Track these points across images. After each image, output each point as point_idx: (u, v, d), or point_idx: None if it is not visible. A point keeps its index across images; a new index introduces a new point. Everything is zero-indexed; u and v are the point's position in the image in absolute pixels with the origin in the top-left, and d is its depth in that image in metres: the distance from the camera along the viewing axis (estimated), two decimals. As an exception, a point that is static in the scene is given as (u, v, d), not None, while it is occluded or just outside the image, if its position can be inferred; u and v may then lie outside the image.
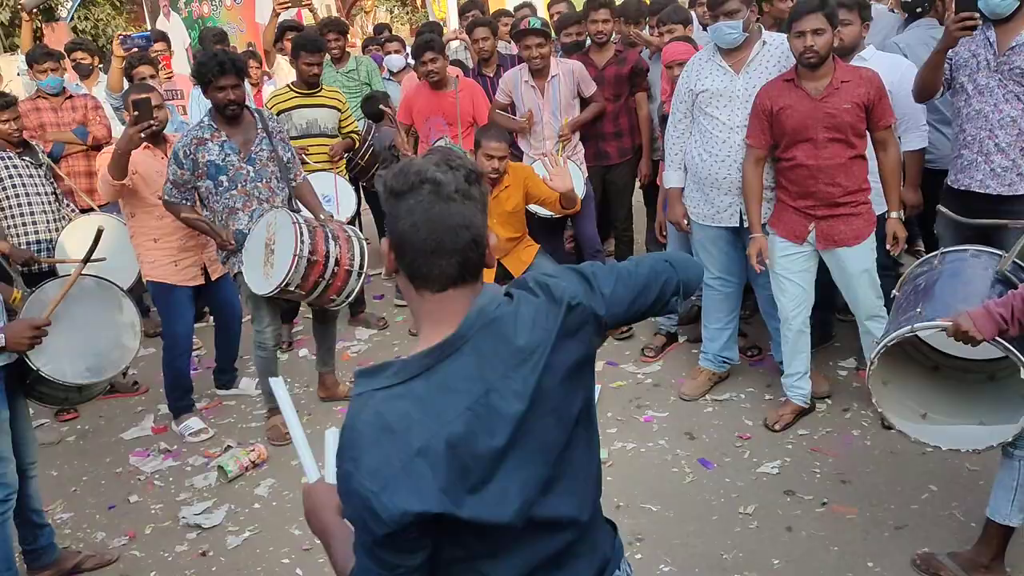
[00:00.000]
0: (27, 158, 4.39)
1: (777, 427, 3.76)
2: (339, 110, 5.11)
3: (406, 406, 1.26)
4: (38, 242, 4.36)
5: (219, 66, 3.75)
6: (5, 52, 11.23)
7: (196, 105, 5.65)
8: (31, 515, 3.18)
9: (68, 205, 4.66)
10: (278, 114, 4.79)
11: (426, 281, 1.34)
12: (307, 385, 4.76)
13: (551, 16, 6.54)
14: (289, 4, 6.60)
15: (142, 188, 4.04)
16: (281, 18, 6.89)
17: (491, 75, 5.57)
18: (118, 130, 5.69)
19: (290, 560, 3.29)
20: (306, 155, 4.86)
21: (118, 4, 15.52)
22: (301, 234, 3.66)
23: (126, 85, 5.76)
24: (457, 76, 5.19)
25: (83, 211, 4.87)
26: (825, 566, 2.93)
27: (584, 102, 4.98)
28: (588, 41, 5.24)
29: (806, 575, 2.90)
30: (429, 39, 5.09)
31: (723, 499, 3.37)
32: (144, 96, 3.83)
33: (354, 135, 5.25)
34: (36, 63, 5.15)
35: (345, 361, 5.04)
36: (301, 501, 1.54)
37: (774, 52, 3.73)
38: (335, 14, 8.86)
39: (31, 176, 4.38)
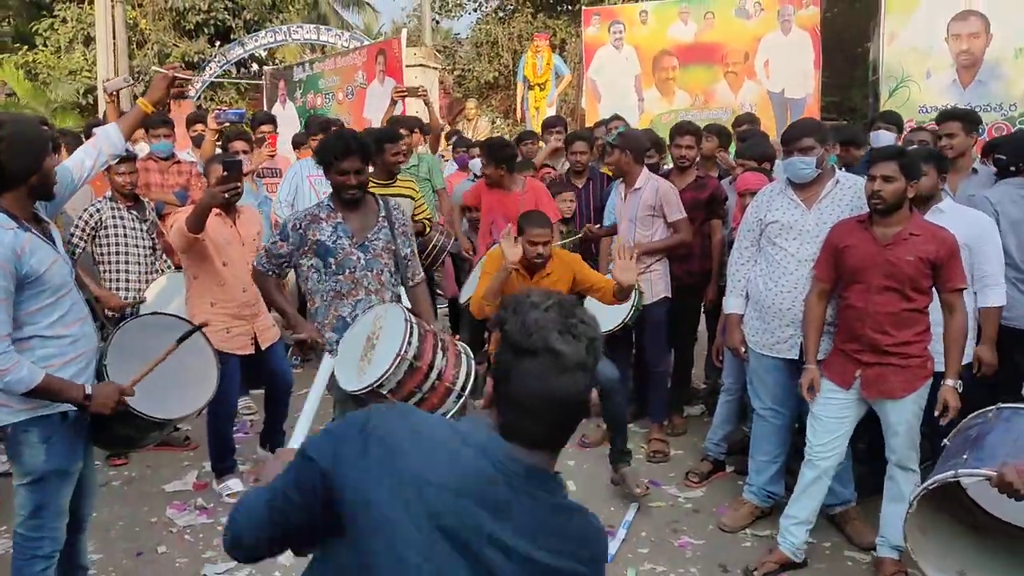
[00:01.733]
0: (135, 212, 4.74)
1: (755, 575, 3.60)
2: (413, 199, 5.31)
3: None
4: (127, 290, 4.65)
5: (344, 147, 3.55)
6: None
7: (287, 186, 5.90)
8: (77, 572, 3.13)
9: (165, 260, 4.97)
10: None
11: (517, 436, 1.39)
12: None
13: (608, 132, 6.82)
14: (406, 92, 6.95)
15: (211, 250, 4.19)
16: (396, 108, 7.28)
17: (580, 185, 5.76)
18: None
19: (300, 632, 3.26)
20: None
21: (243, 90, 16.66)
22: (411, 334, 3.21)
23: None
24: (525, 177, 5.42)
25: (177, 268, 5.18)
26: None
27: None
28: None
29: None
30: (510, 153, 5.47)
31: (749, 639, 3.21)
32: (236, 159, 3.99)
33: (426, 222, 5.47)
34: (152, 128, 5.60)
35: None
36: None
37: (847, 191, 3.76)
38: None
39: (134, 229, 4.73)
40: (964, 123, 4.63)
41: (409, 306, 3.75)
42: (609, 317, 4.41)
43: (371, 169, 3.98)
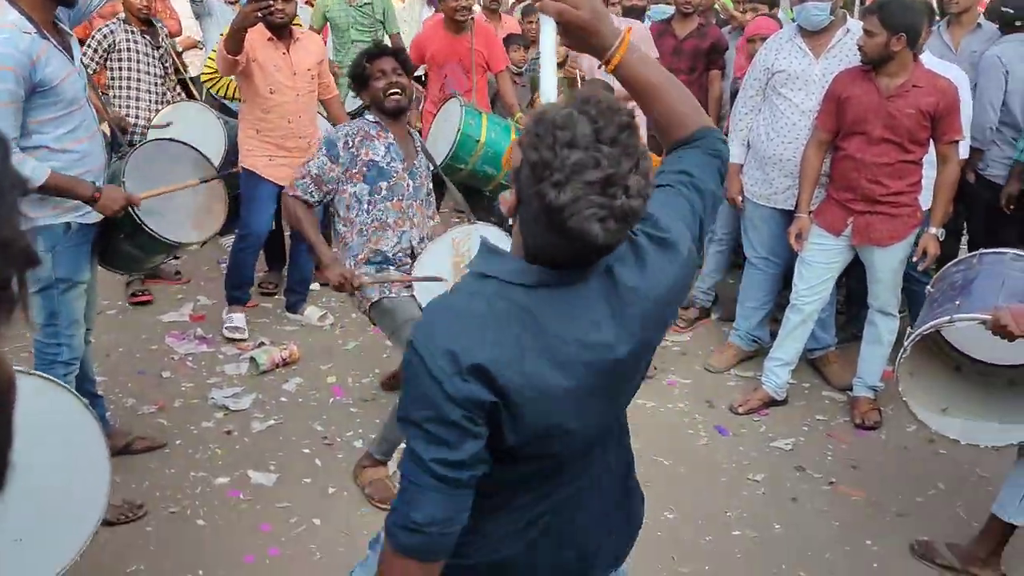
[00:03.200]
0: (148, 37, 4.54)
1: (740, 410, 3.81)
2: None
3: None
4: (137, 118, 4.51)
5: (373, 49, 3.26)
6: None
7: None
8: (86, 384, 3.15)
9: (175, 90, 4.81)
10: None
11: (541, 261, 1.27)
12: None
13: None
14: None
15: (257, 75, 4.03)
16: None
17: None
18: (190, 27, 5.83)
19: (310, 451, 3.42)
20: None
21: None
22: None
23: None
24: (473, 19, 4.82)
25: (189, 97, 5.07)
26: (824, 537, 3.01)
27: None
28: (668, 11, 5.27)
29: (805, 542, 2.98)
30: None
31: (734, 464, 3.44)
32: None
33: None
34: None
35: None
36: (326, 401, 1.59)
37: (856, 41, 3.73)
38: None
39: (147, 55, 4.54)
40: None
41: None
42: None
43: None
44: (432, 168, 3.45)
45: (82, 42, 3.87)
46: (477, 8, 5.83)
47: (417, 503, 1.21)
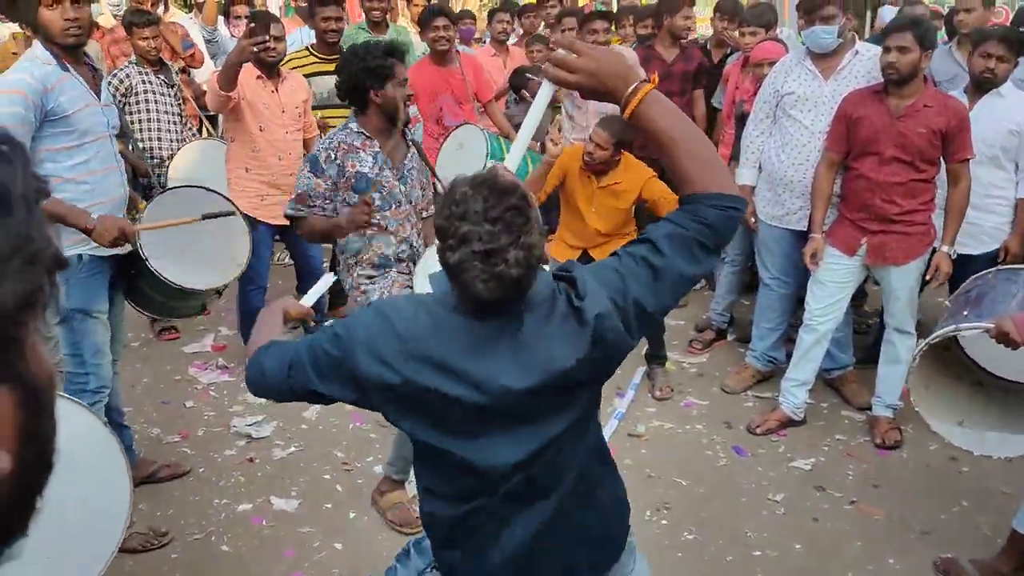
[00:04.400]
0: (162, 77, 4.61)
1: (758, 430, 3.80)
2: None
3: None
4: (160, 159, 4.56)
5: None
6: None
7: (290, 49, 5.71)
8: (114, 414, 3.17)
9: (189, 128, 4.89)
10: None
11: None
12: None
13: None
14: None
15: (247, 113, 4.07)
16: None
17: None
18: (207, 62, 5.95)
19: (330, 476, 3.45)
20: (327, 128, 4.40)
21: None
22: None
23: (220, 20, 6.01)
24: (457, 52, 4.93)
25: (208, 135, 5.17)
26: (847, 557, 3.00)
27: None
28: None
29: (826, 562, 2.97)
30: (439, 7, 4.98)
31: (753, 485, 3.44)
32: (264, 11, 3.88)
33: None
34: None
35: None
36: (345, 427, 1.76)
37: (865, 63, 3.78)
38: None
39: (163, 95, 4.60)
40: None
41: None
42: None
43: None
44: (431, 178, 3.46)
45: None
46: (486, 37, 5.94)
47: (271, 359, 1.64)
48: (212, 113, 5.55)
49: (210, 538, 3.06)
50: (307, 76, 4.44)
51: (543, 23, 6.74)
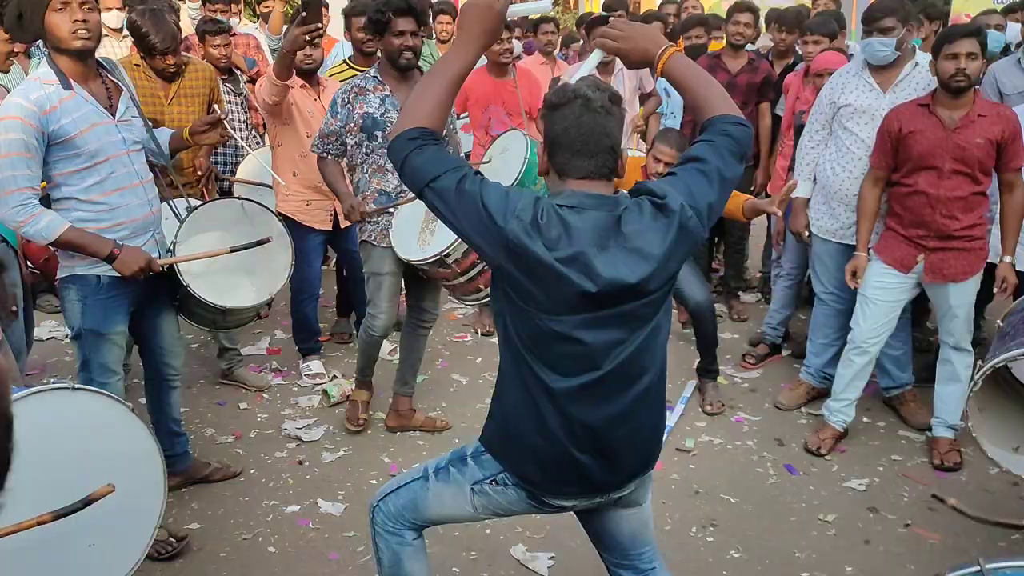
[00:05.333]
0: (230, 85, 4.70)
1: (822, 451, 3.70)
2: None
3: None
4: (225, 164, 4.65)
5: (400, 4, 3.42)
6: None
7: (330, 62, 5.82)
8: (171, 424, 3.25)
9: (254, 136, 4.99)
10: None
11: (571, 173, 1.78)
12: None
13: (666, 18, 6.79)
14: None
15: (297, 119, 4.18)
16: None
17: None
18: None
19: (377, 482, 3.48)
20: None
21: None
22: None
23: (285, 29, 6.11)
24: (514, 64, 5.04)
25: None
26: (899, 581, 2.91)
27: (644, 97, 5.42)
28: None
29: (878, 586, 2.89)
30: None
31: (804, 504, 3.36)
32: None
33: None
34: (209, 2, 5.57)
35: (452, 321, 5.24)
36: (394, 434, 1.87)
37: (925, 75, 3.69)
38: None
39: (231, 103, 4.67)
40: None
41: None
42: None
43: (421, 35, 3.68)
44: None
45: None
46: (518, 47, 5.96)
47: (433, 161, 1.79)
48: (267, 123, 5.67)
49: (257, 539, 3.11)
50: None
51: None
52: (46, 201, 2.73)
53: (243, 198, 3.53)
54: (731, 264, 5.48)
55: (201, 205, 3.27)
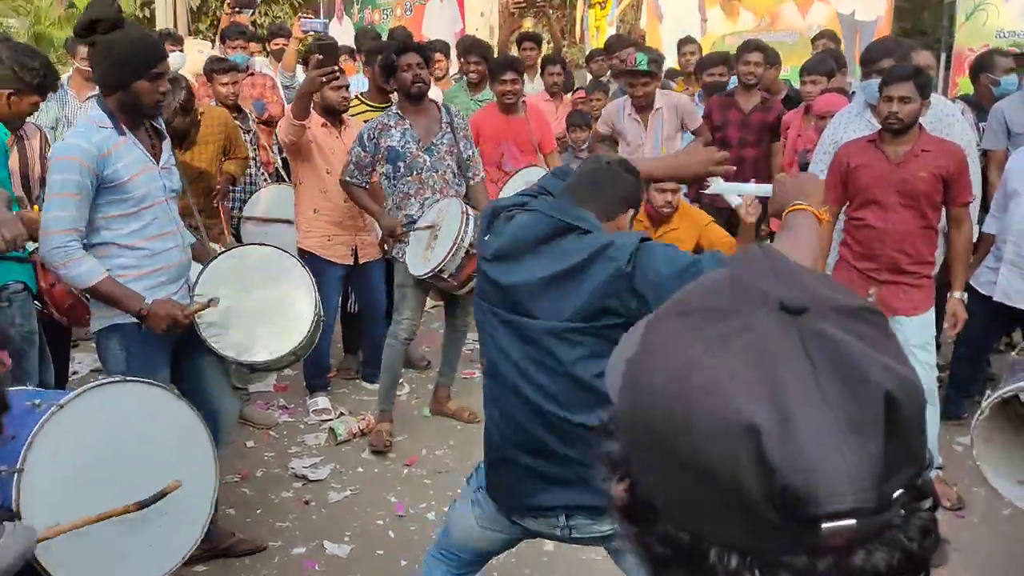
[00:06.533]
0: (238, 123, 4.74)
1: None
2: None
3: None
4: (233, 201, 4.71)
5: (401, 45, 4.04)
6: (189, 35, 12.21)
7: None
8: None
9: (261, 172, 5.06)
10: None
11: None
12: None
13: (682, 55, 6.98)
14: None
15: (316, 156, 4.27)
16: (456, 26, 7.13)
17: None
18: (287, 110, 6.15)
19: (383, 523, 3.49)
20: None
21: (296, 5, 16.54)
22: (467, 224, 3.66)
23: (299, 68, 6.22)
24: (523, 101, 5.14)
25: (277, 179, 5.29)
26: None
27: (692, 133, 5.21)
28: (734, 82, 5.38)
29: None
30: (510, 59, 5.31)
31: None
32: (330, 43, 3.98)
33: None
34: (229, 39, 5.66)
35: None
36: (400, 472, 1.82)
37: (928, 115, 3.72)
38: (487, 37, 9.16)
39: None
40: None
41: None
42: None
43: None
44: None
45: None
46: (532, 88, 6.11)
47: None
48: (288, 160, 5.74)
49: (265, 581, 3.11)
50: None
51: (608, 71, 6.83)
52: None
53: (264, 243, 3.46)
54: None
55: (222, 252, 3.20)
